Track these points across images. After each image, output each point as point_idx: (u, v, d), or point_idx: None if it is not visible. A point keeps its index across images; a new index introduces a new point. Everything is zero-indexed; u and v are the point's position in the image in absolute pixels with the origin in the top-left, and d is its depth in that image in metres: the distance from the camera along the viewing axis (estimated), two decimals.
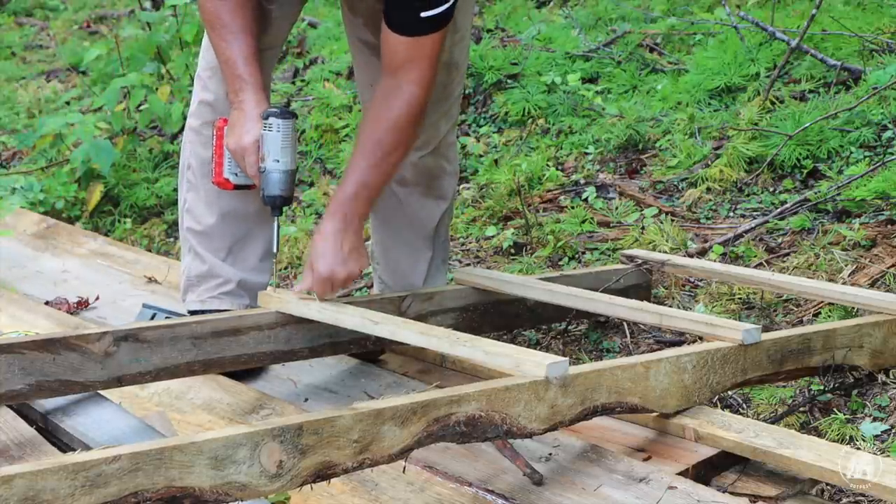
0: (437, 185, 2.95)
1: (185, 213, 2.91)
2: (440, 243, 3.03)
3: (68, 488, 1.62)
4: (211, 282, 2.88)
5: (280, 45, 2.91)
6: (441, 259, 3.05)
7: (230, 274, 2.87)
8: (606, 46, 4.74)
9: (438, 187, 2.96)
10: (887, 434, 2.43)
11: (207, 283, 2.88)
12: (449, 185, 2.99)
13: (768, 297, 3.03)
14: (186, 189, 2.91)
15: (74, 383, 2.34)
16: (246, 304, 2.87)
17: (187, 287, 2.91)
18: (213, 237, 2.87)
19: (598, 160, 4.10)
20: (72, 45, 6.92)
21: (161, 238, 4.42)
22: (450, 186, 3.00)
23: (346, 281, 2.55)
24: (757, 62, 4.17)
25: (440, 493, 2.13)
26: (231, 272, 2.87)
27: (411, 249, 2.99)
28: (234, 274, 2.88)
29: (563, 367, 2.08)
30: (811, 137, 3.63)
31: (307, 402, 2.66)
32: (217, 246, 2.88)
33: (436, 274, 3.02)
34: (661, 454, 2.27)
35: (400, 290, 2.92)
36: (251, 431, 1.76)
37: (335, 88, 5.04)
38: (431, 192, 2.95)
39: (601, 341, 3.05)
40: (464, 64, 2.88)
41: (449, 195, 3.00)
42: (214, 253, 2.88)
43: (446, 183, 2.98)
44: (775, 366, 2.41)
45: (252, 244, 2.89)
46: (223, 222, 2.86)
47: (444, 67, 2.73)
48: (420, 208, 2.96)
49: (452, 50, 2.77)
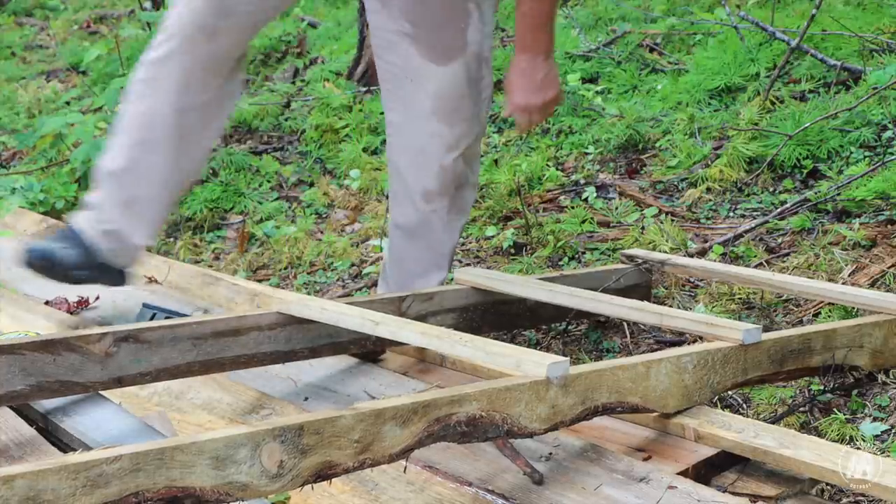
0: (461, 195, 2.92)
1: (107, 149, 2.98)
2: (452, 260, 3.03)
3: (69, 488, 1.62)
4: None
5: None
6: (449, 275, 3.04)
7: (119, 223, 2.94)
8: (606, 46, 4.74)
9: (462, 198, 2.92)
10: (887, 434, 2.43)
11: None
12: (471, 197, 2.96)
13: (768, 297, 3.03)
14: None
15: (75, 384, 2.34)
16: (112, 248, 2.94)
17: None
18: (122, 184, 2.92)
19: (598, 160, 4.10)
20: (72, 45, 6.92)
21: (161, 238, 4.42)
22: (471, 199, 2.97)
23: (544, 107, 2.72)
24: (757, 62, 4.17)
25: (440, 493, 2.13)
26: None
27: (426, 268, 2.97)
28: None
29: (563, 367, 2.08)
30: (811, 137, 3.63)
31: (307, 401, 2.66)
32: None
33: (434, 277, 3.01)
34: (662, 454, 2.27)
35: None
36: (252, 431, 1.76)
37: (335, 88, 5.04)
38: (455, 206, 2.91)
39: (601, 341, 3.05)
40: (490, 61, 2.86)
41: (468, 209, 2.98)
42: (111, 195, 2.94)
43: (469, 195, 2.95)
44: (776, 366, 2.41)
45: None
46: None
47: (475, 60, 2.75)
48: (443, 228, 2.92)
49: (483, 43, 2.78)
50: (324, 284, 3.77)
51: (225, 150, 4.83)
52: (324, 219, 4.26)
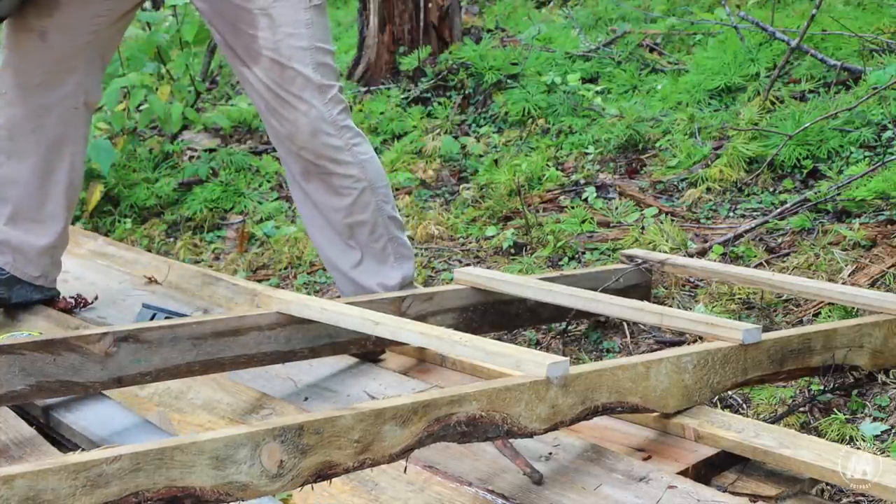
0: (330, 180, 2.93)
1: None
2: (365, 242, 2.97)
3: (69, 488, 1.62)
4: None
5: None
6: (375, 261, 2.98)
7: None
8: (606, 46, 4.75)
9: (332, 182, 2.94)
10: (887, 434, 2.43)
11: None
12: (346, 182, 2.93)
13: (768, 297, 3.03)
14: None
15: (75, 384, 2.35)
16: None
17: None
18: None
19: (598, 160, 4.10)
20: None
21: (161, 238, 4.42)
22: (348, 185, 2.94)
23: None
24: (757, 62, 4.17)
25: (440, 493, 2.13)
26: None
27: (339, 250, 2.99)
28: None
29: (563, 366, 2.08)
30: (811, 137, 3.63)
31: (307, 401, 2.66)
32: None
33: (377, 270, 2.98)
34: (662, 454, 2.27)
35: (350, 293, 2.96)
36: (252, 431, 1.76)
37: None
38: (329, 188, 2.94)
39: (601, 341, 3.05)
40: (301, 58, 2.86)
41: (349, 192, 2.94)
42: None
43: (338, 181, 2.93)
44: (776, 366, 2.41)
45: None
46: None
47: (274, 64, 2.84)
48: (324, 205, 2.96)
49: (280, 46, 2.84)
50: (324, 284, 3.77)
51: (225, 150, 4.83)
52: None
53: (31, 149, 3.11)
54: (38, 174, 3.14)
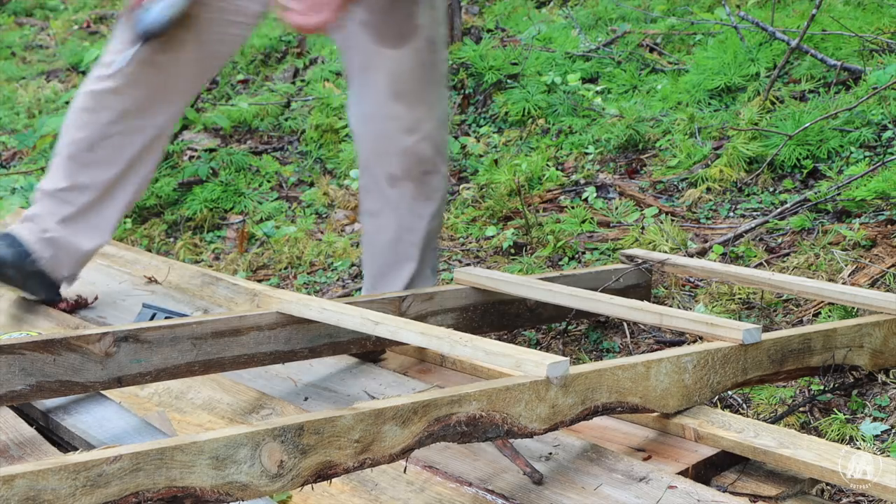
0: (427, 182, 2.90)
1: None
2: (429, 252, 2.98)
3: (69, 488, 1.62)
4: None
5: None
6: (430, 269, 3.00)
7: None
8: (606, 46, 4.75)
9: (428, 185, 2.91)
10: (887, 434, 2.43)
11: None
12: (439, 185, 2.94)
13: (768, 297, 3.03)
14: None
15: (75, 384, 2.34)
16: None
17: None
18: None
19: (598, 160, 4.10)
20: (72, 45, 6.92)
21: (161, 238, 4.42)
22: (439, 187, 2.94)
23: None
24: (757, 62, 4.17)
25: (440, 493, 2.13)
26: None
27: (397, 258, 2.94)
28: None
29: (563, 366, 2.08)
30: (811, 137, 3.63)
31: (307, 401, 2.66)
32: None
33: (420, 284, 2.97)
34: (662, 454, 2.27)
35: None
36: (252, 431, 1.76)
37: (335, 88, 5.04)
38: (422, 192, 2.90)
39: (601, 341, 3.05)
40: (443, 45, 2.86)
41: (437, 197, 2.94)
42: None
43: (436, 182, 2.92)
44: (776, 366, 2.41)
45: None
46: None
47: (427, 43, 2.75)
48: (409, 213, 2.91)
49: (433, 26, 2.78)
50: (324, 284, 3.77)
51: (225, 150, 4.83)
52: (324, 219, 4.26)
53: (114, 163, 3.06)
54: (109, 188, 3.09)
